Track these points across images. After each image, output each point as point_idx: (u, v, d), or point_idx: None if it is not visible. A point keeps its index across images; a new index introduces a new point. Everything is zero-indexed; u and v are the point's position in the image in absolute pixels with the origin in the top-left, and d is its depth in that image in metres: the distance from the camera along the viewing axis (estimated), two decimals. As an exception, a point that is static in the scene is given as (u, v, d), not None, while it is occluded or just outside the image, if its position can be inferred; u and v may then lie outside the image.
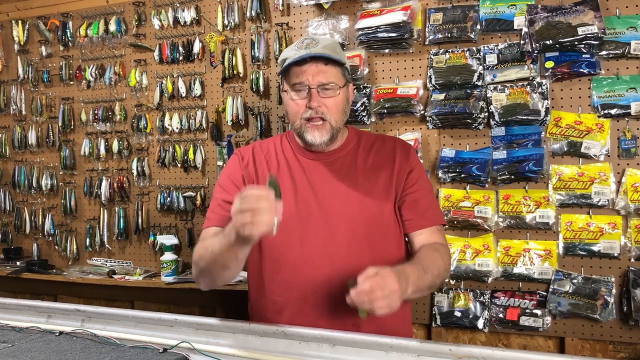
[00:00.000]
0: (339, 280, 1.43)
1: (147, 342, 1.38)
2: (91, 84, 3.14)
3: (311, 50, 1.47)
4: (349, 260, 1.46)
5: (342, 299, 1.42)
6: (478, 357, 1.15)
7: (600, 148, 2.14)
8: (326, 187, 1.53)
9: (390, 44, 2.41)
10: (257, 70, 2.72)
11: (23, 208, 3.36)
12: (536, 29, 2.17)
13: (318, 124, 1.49)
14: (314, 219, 1.50)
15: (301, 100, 1.49)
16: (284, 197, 1.50)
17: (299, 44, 1.52)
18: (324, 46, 1.49)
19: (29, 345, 1.37)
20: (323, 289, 1.46)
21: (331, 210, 1.50)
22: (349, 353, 1.26)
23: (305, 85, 1.48)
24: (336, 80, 1.50)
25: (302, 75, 1.48)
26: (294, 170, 1.56)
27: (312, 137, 1.50)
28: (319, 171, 1.55)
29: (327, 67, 1.48)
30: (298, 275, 1.49)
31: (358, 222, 1.50)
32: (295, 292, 1.49)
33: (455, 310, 2.32)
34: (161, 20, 2.92)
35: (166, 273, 2.75)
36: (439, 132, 2.40)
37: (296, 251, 1.50)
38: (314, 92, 1.47)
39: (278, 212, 1.20)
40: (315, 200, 1.51)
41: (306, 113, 1.48)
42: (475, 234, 2.32)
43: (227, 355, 1.34)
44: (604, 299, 2.10)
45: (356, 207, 1.51)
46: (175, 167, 2.98)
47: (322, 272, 1.47)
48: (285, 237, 1.49)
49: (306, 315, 1.46)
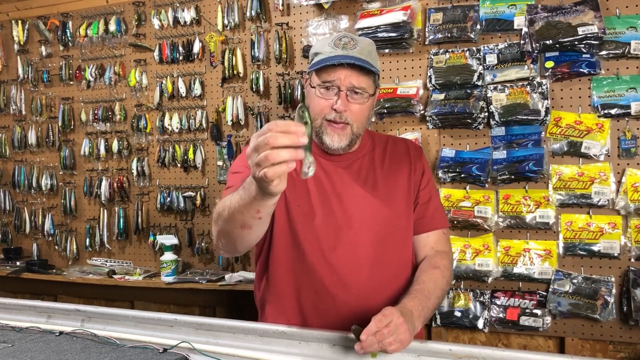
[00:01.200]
0: (358, 273, 1.46)
1: (147, 342, 1.38)
2: (91, 84, 3.14)
3: (348, 52, 1.41)
4: (373, 262, 1.47)
5: (357, 292, 1.45)
6: (478, 357, 1.15)
7: (600, 148, 2.14)
8: (348, 189, 1.50)
9: (390, 44, 2.41)
10: (257, 70, 2.72)
11: (23, 208, 3.36)
12: (536, 28, 2.17)
13: (339, 127, 1.43)
14: (336, 220, 1.48)
15: (327, 100, 1.43)
16: (306, 195, 1.47)
17: (336, 40, 1.45)
18: (361, 49, 1.43)
19: (29, 345, 1.37)
20: (339, 284, 1.46)
21: (354, 212, 1.48)
22: (349, 353, 1.26)
23: (335, 85, 1.41)
24: (367, 87, 1.44)
25: (334, 74, 1.40)
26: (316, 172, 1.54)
27: (331, 140, 1.44)
28: (339, 173, 1.52)
29: (361, 72, 1.42)
30: (322, 266, 1.46)
31: (380, 224, 1.49)
32: (317, 279, 1.47)
33: (455, 310, 2.32)
34: (161, 20, 2.92)
35: (166, 273, 2.75)
36: (439, 132, 2.40)
37: (318, 246, 1.47)
38: (343, 94, 1.41)
39: (307, 154, 0.96)
40: (339, 202, 1.49)
41: (330, 115, 1.42)
42: (475, 234, 2.32)
43: (227, 355, 1.33)
44: (604, 298, 2.10)
45: (378, 209, 1.49)
46: (175, 167, 2.98)
47: (344, 263, 1.46)
48: (310, 231, 1.47)
49: (324, 302, 1.46)
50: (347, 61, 1.39)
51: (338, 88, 1.41)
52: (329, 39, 1.48)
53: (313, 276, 1.47)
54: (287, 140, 0.92)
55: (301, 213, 1.48)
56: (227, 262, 2.85)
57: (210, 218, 2.88)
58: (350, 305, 1.45)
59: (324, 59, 1.42)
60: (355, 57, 1.40)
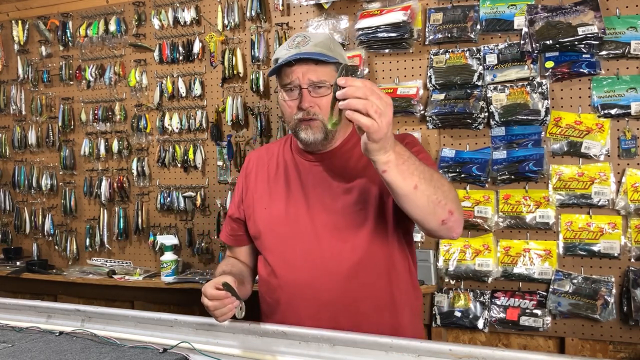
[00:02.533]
0: (321, 285, 1.42)
1: (147, 342, 1.38)
2: (91, 84, 3.14)
3: (300, 50, 1.42)
4: (331, 265, 1.43)
5: (326, 305, 1.41)
6: (478, 357, 1.15)
7: (600, 148, 2.14)
8: (317, 191, 1.49)
9: (390, 44, 2.41)
10: (257, 70, 2.72)
11: (23, 208, 3.36)
12: (536, 29, 2.17)
13: (310, 122, 1.43)
14: (301, 224, 1.47)
15: (293, 101, 1.44)
16: (277, 201, 1.52)
17: (290, 42, 1.47)
18: (315, 44, 1.43)
19: (29, 345, 1.37)
20: (307, 292, 1.44)
21: (318, 214, 1.47)
22: (349, 353, 1.26)
23: (296, 85, 1.42)
24: (328, 78, 1.43)
25: (292, 75, 1.42)
26: (290, 173, 1.54)
27: (306, 135, 1.44)
28: (313, 173, 1.51)
29: (317, 65, 1.41)
30: (281, 280, 1.49)
31: (342, 225, 1.44)
32: (281, 295, 1.49)
33: (455, 310, 2.32)
34: (161, 20, 2.92)
35: (166, 273, 2.75)
36: (439, 132, 2.40)
37: (281, 256, 1.49)
38: (305, 92, 1.41)
39: (236, 304, 1.31)
40: (305, 204, 1.48)
41: (298, 114, 1.43)
42: (475, 234, 2.32)
43: (227, 355, 1.33)
44: (604, 299, 2.10)
45: (340, 209, 1.45)
46: (175, 167, 2.98)
47: (304, 277, 1.44)
48: (275, 242, 1.51)
49: (288, 318, 1.44)
50: (295, 57, 1.40)
51: (299, 87, 1.42)
52: (285, 42, 1.50)
53: (274, 277, 1.51)
54: (221, 304, 1.30)
55: (267, 215, 1.53)
56: (227, 262, 2.85)
57: (210, 218, 2.90)
58: (307, 304, 1.45)
59: (278, 63, 1.44)
60: (306, 52, 1.41)
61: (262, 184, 1.57)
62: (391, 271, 1.46)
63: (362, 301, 1.43)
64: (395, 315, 1.47)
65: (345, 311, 1.42)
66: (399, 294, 1.47)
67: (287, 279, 1.47)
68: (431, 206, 1.23)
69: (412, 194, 1.19)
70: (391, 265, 1.46)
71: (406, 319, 1.49)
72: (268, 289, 1.54)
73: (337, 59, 1.44)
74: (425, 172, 1.21)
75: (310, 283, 1.44)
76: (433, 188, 1.22)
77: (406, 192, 1.19)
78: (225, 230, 1.69)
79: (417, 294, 1.58)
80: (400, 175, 1.16)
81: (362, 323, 1.40)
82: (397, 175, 1.15)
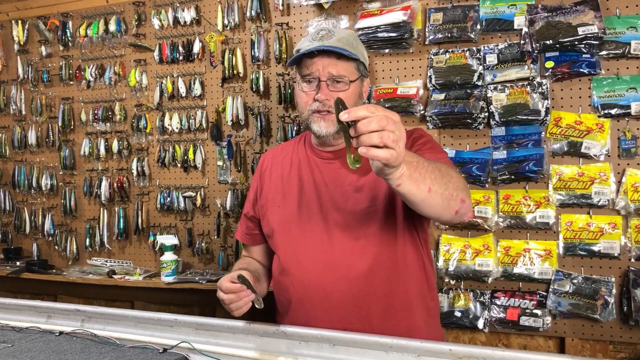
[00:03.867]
0: (331, 286, 1.41)
1: (147, 342, 1.38)
2: (91, 84, 3.14)
3: (324, 43, 1.43)
4: (341, 265, 1.42)
5: (336, 306, 1.41)
6: (478, 357, 1.15)
7: (601, 148, 2.14)
8: (329, 189, 1.49)
9: (390, 44, 2.41)
10: (257, 70, 2.72)
11: (23, 208, 3.36)
12: (536, 28, 2.17)
13: (324, 114, 1.44)
14: (313, 223, 1.47)
15: (310, 92, 1.46)
16: (290, 199, 1.52)
17: (314, 35, 1.48)
18: (338, 39, 1.45)
19: (29, 345, 1.37)
20: (317, 292, 1.44)
21: (330, 212, 1.47)
22: (349, 353, 1.26)
23: (315, 77, 1.44)
24: (348, 74, 1.45)
25: (313, 67, 1.44)
26: (303, 172, 1.55)
27: (319, 127, 1.46)
28: (326, 171, 1.52)
29: (339, 60, 1.44)
30: (293, 278, 1.48)
31: (353, 223, 1.44)
32: (293, 294, 1.49)
33: (455, 310, 2.32)
34: (161, 20, 2.92)
35: (166, 273, 2.75)
36: (439, 132, 2.40)
37: (293, 254, 1.49)
38: (323, 84, 1.43)
39: (252, 297, 1.34)
40: (318, 202, 1.49)
41: (313, 105, 1.45)
42: (475, 234, 2.32)
43: (227, 355, 1.33)
44: (604, 299, 2.10)
45: (351, 207, 1.45)
46: (175, 167, 2.98)
47: (314, 277, 1.44)
48: (287, 240, 1.50)
49: (300, 318, 1.45)
50: (319, 49, 1.41)
51: (318, 79, 1.44)
52: (309, 34, 1.51)
53: (285, 276, 1.51)
54: (236, 297, 1.33)
55: (280, 214, 1.54)
56: (227, 262, 2.85)
57: (210, 218, 2.90)
58: (318, 304, 1.45)
59: (300, 53, 1.45)
60: (329, 46, 1.42)
61: (276, 183, 1.58)
62: (403, 271, 1.45)
63: (374, 302, 1.42)
64: (409, 316, 1.45)
65: (356, 312, 1.41)
66: (413, 294, 1.45)
67: (297, 278, 1.47)
68: (445, 202, 1.22)
69: (427, 197, 1.17)
70: (403, 265, 1.45)
71: (420, 319, 1.47)
72: (280, 288, 1.54)
73: (358, 57, 1.47)
74: (435, 171, 1.19)
75: (320, 283, 1.43)
76: (445, 184, 1.21)
77: (422, 198, 1.17)
78: (240, 229, 1.70)
79: (433, 295, 1.54)
80: (414, 185, 1.13)
81: (374, 324, 1.39)
82: (411, 185, 1.12)
